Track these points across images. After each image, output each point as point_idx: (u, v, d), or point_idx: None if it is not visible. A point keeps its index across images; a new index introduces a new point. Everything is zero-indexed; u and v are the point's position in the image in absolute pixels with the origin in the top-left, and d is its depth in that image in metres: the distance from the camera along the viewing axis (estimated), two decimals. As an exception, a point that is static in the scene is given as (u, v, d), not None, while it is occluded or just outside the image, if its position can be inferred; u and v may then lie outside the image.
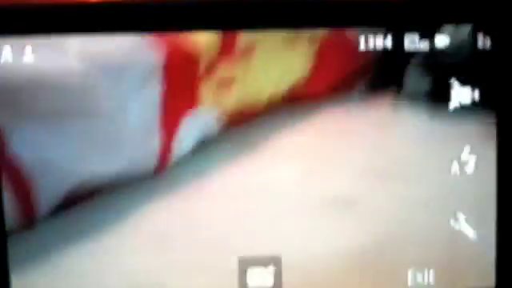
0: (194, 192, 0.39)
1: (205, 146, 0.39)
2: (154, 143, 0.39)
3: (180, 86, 0.38)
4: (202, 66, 0.38)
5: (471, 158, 0.40)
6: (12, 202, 0.38)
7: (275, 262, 0.40)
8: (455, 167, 0.40)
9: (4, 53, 0.37)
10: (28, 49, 0.37)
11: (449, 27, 0.38)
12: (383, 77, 0.39)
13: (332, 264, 0.40)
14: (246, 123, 0.39)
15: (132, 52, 0.37)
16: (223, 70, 0.38)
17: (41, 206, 0.38)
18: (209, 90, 0.38)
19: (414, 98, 0.39)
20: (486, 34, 0.38)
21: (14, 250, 0.39)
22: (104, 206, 0.39)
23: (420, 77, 0.39)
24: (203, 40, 0.38)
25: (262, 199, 0.40)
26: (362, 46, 0.39)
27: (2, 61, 0.37)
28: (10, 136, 0.37)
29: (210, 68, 0.38)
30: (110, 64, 0.37)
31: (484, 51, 0.39)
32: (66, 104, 0.38)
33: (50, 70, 0.37)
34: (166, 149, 0.39)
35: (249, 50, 0.38)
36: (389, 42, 0.39)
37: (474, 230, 0.41)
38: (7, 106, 0.37)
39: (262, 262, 0.40)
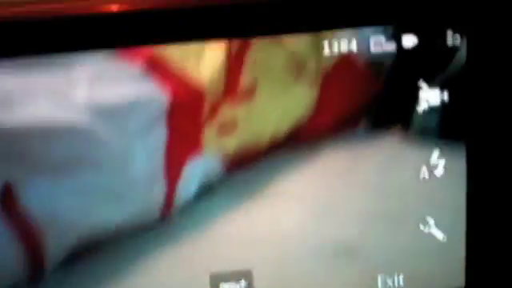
0: (198, 238, 0.39)
1: (208, 191, 0.39)
2: (159, 190, 0.39)
3: (184, 132, 0.38)
4: (206, 109, 0.38)
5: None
6: (21, 253, 0.38)
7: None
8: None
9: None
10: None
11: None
12: (387, 114, 0.39)
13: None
14: (247, 166, 0.40)
15: (136, 99, 0.38)
16: (226, 113, 0.39)
17: (49, 258, 0.38)
18: (212, 134, 0.39)
19: (420, 134, 0.40)
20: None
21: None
22: (109, 255, 0.39)
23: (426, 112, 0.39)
24: (207, 81, 0.38)
25: (266, 244, 0.40)
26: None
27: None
28: (19, 189, 0.37)
29: (214, 111, 0.38)
30: (114, 112, 0.38)
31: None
32: (71, 155, 0.38)
33: (54, 120, 0.37)
34: (170, 195, 0.39)
35: (251, 91, 0.39)
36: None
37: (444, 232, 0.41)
38: (15, 160, 0.37)
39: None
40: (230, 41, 0.38)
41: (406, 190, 0.40)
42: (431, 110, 0.39)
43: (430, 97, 0.39)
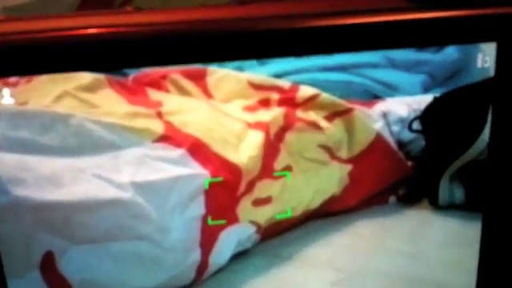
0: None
1: (239, 258, 0.41)
2: (194, 257, 0.40)
3: (221, 205, 0.40)
4: (243, 186, 0.40)
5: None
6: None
7: None
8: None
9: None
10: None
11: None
12: (415, 191, 0.42)
13: None
14: (279, 236, 0.42)
15: (177, 178, 0.39)
16: (261, 189, 0.40)
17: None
18: (247, 205, 0.40)
19: (446, 207, 0.42)
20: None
21: None
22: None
23: (452, 188, 0.42)
24: (245, 161, 0.40)
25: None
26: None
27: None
28: (59, 256, 0.38)
29: (250, 187, 0.40)
30: (156, 189, 0.39)
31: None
32: (113, 226, 0.38)
33: (99, 196, 0.38)
34: (204, 262, 0.40)
35: (286, 170, 0.40)
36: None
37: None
38: (58, 231, 0.37)
39: None
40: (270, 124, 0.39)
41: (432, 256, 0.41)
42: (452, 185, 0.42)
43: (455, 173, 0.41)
